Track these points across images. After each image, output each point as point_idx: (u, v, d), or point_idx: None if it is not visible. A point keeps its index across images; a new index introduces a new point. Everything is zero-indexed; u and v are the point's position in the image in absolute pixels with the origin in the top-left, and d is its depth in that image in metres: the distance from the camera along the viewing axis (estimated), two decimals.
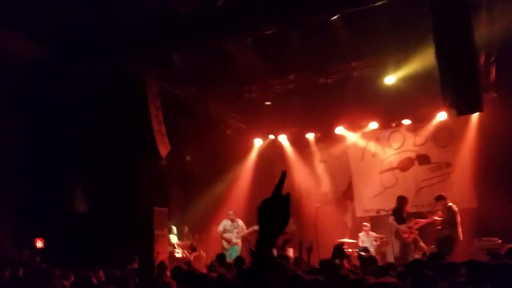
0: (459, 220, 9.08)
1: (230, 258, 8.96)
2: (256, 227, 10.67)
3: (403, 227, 9.74)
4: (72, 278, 4.92)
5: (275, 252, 9.05)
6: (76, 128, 8.74)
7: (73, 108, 8.57)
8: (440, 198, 9.48)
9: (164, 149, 9.15)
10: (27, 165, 8.45)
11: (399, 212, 9.93)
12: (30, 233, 8.10)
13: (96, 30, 8.06)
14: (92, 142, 8.85)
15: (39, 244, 8.30)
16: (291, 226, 12.52)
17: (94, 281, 4.58)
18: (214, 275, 5.08)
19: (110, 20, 8.01)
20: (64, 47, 8.15)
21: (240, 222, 10.92)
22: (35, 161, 8.43)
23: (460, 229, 9.00)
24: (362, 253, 9.56)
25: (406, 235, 9.61)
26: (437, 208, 9.61)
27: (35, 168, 8.46)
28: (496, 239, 9.05)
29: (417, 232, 9.69)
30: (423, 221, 9.79)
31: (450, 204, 9.27)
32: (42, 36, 7.93)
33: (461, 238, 8.98)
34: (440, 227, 9.28)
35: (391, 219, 10.01)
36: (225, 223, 10.89)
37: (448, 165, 11.25)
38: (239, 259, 7.12)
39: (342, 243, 7.88)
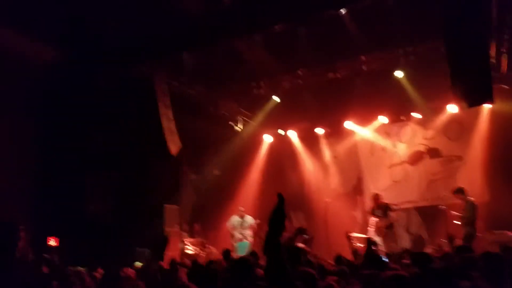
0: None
1: (238, 254, 8.96)
2: (257, 221, 10.72)
3: (371, 220, 10.03)
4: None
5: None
6: (88, 128, 8.80)
7: (85, 108, 8.63)
8: (459, 191, 8.99)
9: (174, 147, 9.17)
10: (40, 165, 8.54)
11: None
12: (44, 232, 8.16)
13: (107, 31, 8.11)
14: (104, 141, 8.90)
15: (53, 243, 8.35)
16: (302, 222, 12.57)
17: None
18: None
19: (120, 21, 8.07)
20: (75, 48, 8.21)
21: (249, 218, 10.90)
22: (48, 161, 8.50)
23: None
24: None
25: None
26: (455, 202, 9.40)
27: (47, 168, 8.53)
28: (509, 232, 8.94)
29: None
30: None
31: (472, 198, 8.84)
32: (54, 40, 8.02)
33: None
34: (459, 223, 8.79)
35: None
36: (234, 219, 10.90)
37: (459, 158, 11.16)
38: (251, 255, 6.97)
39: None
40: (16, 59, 7.91)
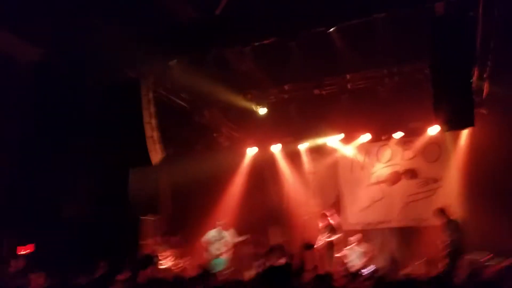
0: None
1: (214, 270, 8.76)
2: (245, 238, 10.60)
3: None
4: None
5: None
6: (67, 133, 8.54)
7: (65, 112, 8.39)
8: (439, 212, 9.10)
9: (156, 156, 8.97)
10: (20, 166, 8.23)
11: None
12: (17, 239, 7.84)
13: (93, 35, 7.96)
14: (86, 145, 8.65)
15: (25, 250, 8.03)
16: (278, 237, 12.48)
17: None
18: None
19: (107, 25, 7.94)
20: (59, 51, 8.03)
21: (229, 232, 10.73)
22: (27, 162, 8.21)
23: None
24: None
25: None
26: (432, 224, 9.50)
27: (26, 169, 8.24)
28: (483, 254, 9.08)
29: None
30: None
31: (451, 217, 9.04)
32: (41, 40, 7.83)
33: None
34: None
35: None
36: (211, 234, 10.69)
37: (436, 180, 11.38)
38: None
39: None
40: (3, 58, 7.68)
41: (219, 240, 10.56)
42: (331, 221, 10.27)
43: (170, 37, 8.22)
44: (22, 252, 8.24)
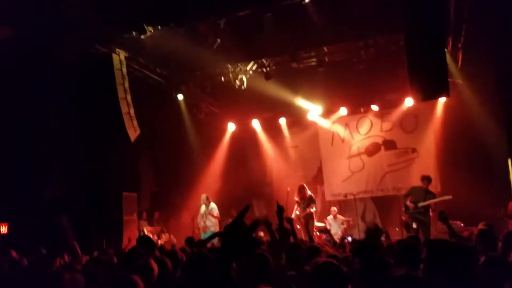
0: None
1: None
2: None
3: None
4: None
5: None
6: (42, 111, 8.40)
7: (39, 90, 8.21)
8: (426, 179, 9.28)
9: (133, 133, 8.91)
10: None
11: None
12: None
13: (62, 9, 7.71)
14: (61, 124, 8.53)
15: (3, 229, 8.01)
16: (262, 211, 12.68)
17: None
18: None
19: None
20: (28, 27, 7.77)
21: (212, 205, 10.79)
22: (1, 142, 8.07)
23: None
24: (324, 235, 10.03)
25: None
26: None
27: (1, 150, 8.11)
28: (459, 222, 9.34)
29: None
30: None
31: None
32: (5, 18, 7.56)
33: None
34: None
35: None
36: (201, 209, 10.76)
37: (414, 150, 11.61)
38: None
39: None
40: None
41: (208, 214, 10.65)
42: (309, 193, 10.37)
43: (142, 9, 7.99)
44: (3, 230, 8.23)
